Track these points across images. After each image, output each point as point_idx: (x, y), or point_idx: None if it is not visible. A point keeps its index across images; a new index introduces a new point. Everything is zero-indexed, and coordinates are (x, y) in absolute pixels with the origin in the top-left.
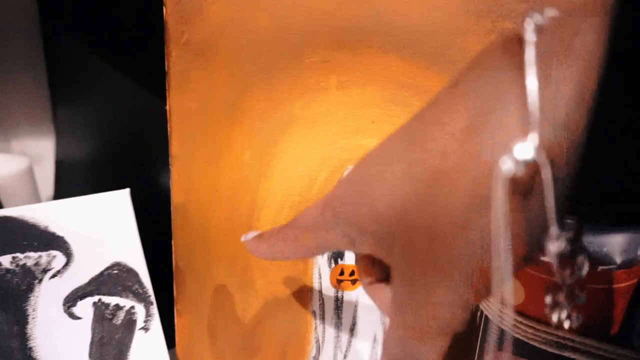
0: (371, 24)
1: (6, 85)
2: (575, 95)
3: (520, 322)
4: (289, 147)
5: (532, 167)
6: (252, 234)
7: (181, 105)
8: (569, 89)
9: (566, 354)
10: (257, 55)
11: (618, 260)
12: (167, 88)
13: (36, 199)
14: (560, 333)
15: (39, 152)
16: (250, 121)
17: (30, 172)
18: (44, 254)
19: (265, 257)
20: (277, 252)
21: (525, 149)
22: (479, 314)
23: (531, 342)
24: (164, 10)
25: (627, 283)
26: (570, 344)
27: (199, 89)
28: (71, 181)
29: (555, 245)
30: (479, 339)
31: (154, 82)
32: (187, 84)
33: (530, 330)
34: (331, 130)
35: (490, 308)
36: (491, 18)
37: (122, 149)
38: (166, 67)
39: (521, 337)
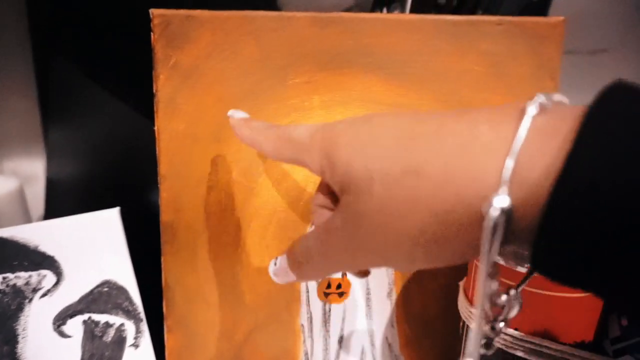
0: (352, 46)
1: None
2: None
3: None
4: (275, 164)
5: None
6: (240, 114)
7: (169, 126)
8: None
9: None
10: (242, 77)
11: None
12: (155, 110)
13: (27, 218)
14: (536, 340)
15: (29, 172)
16: (237, 141)
17: (21, 193)
18: (34, 273)
19: (243, 138)
20: (255, 139)
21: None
22: (461, 324)
23: (508, 350)
24: (152, 36)
25: None
26: (547, 350)
27: (187, 110)
28: (62, 200)
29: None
30: (462, 347)
31: (143, 104)
32: (174, 106)
33: (506, 339)
34: None
35: (470, 318)
36: (469, 39)
37: (112, 168)
38: (154, 89)
39: (499, 345)
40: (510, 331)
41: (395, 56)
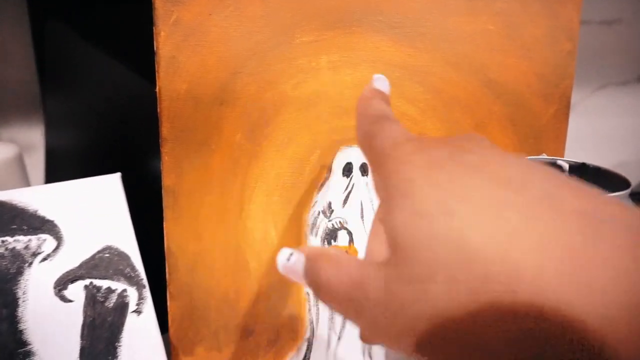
0: (362, 4)
1: None
2: None
3: None
4: (281, 127)
5: None
6: (383, 83)
7: (171, 86)
8: None
9: None
10: (247, 35)
11: None
12: (156, 69)
13: (27, 186)
14: None
15: (28, 140)
16: (241, 102)
17: (20, 160)
18: (33, 237)
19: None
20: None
21: None
22: None
23: None
24: None
25: None
26: None
27: (189, 70)
28: (62, 169)
29: None
30: None
31: (143, 64)
32: (176, 65)
33: None
34: (322, 110)
35: None
36: None
37: (113, 133)
38: (155, 47)
39: None
40: None
41: (406, 15)
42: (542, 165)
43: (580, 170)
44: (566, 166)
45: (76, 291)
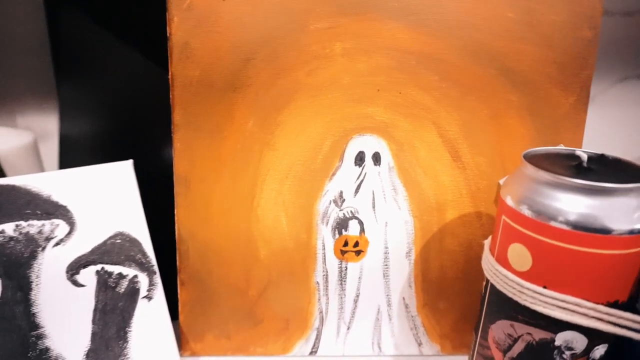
0: None
1: (10, 61)
2: None
3: (527, 289)
4: (293, 115)
5: None
6: None
7: (183, 73)
8: None
9: (574, 319)
10: (260, 21)
11: (628, 226)
12: (169, 55)
13: (41, 172)
14: (566, 299)
15: (43, 128)
16: (253, 89)
17: (34, 147)
18: (47, 222)
19: None
20: None
21: None
22: (484, 283)
23: (536, 308)
24: None
25: (637, 249)
26: (577, 309)
27: (202, 56)
28: (76, 157)
29: None
30: (484, 307)
31: (156, 51)
32: (189, 51)
33: (535, 296)
34: (336, 98)
35: (496, 275)
36: None
37: (125, 120)
38: (168, 33)
39: (526, 304)
40: (539, 289)
41: (423, 2)
42: None
43: (599, 161)
44: (585, 157)
45: (88, 276)
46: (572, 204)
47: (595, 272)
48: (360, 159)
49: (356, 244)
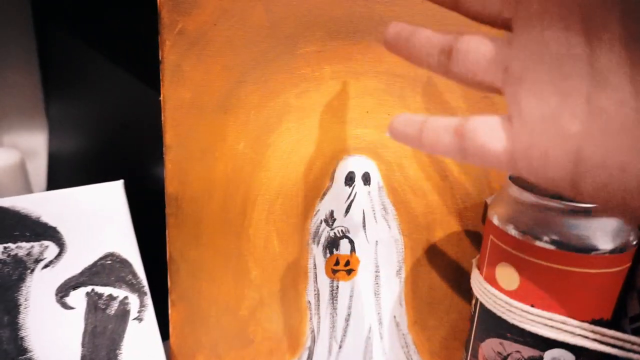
0: (365, 15)
1: None
2: None
3: (515, 307)
4: (284, 136)
5: None
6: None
7: (175, 95)
8: None
9: (561, 337)
10: (251, 45)
11: (610, 245)
12: (161, 77)
13: (28, 192)
14: (553, 317)
15: (31, 146)
16: (244, 111)
17: (22, 166)
18: (36, 244)
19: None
20: None
21: None
22: (473, 301)
23: (524, 326)
24: (158, 0)
25: (619, 268)
26: (564, 327)
27: (193, 78)
28: (64, 175)
29: None
30: (473, 325)
31: (147, 72)
32: (181, 74)
33: (523, 315)
34: (326, 120)
35: (485, 294)
36: None
37: (116, 140)
38: (160, 56)
39: (515, 322)
40: (527, 307)
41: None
42: None
43: None
44: None
45: (78, 298)
46: (556, 224)
47: (580, 291)
48: (350, 179)
49: (347, 263)
